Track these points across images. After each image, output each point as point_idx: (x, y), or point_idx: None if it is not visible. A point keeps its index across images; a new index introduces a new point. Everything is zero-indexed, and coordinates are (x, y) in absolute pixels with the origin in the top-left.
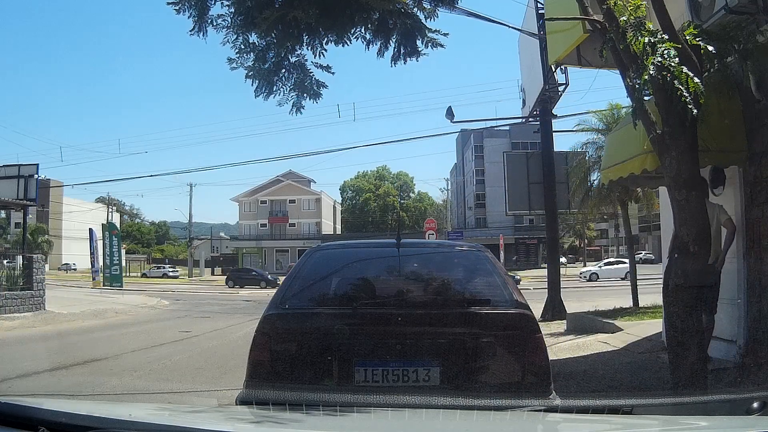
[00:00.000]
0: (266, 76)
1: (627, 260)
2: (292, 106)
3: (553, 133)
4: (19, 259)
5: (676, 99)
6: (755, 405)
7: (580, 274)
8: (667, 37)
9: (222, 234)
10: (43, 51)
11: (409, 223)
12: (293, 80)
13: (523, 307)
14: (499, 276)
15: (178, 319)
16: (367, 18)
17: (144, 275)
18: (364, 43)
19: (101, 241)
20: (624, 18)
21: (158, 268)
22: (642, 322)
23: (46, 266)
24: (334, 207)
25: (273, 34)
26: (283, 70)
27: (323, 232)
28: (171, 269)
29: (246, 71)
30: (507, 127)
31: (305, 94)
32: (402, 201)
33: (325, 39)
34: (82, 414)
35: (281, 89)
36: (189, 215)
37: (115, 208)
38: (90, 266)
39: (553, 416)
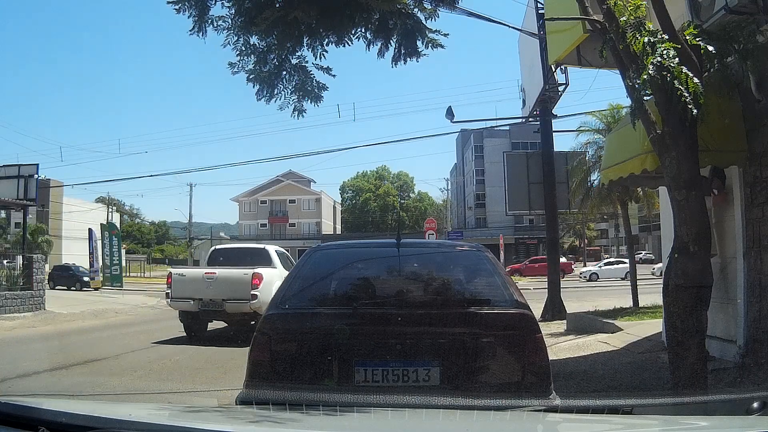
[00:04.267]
0: (267, 80)
1: (627, 260)
2: (294, 110)
3: (553, 133)
4: (19, 259)
5: (676, 99)
6: (755, 405)
7: (580, 274)
8: (667, 37)
9: (222, 234)
10: (43, 51)
11: (409, 223)
12: (294, 83)
13: (523, 307)
14: (499, 276)
15: (179, 319)
16: (367, 18)
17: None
18: (365, 43)
19: (101, 241)
20: (624, 18)
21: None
22: (642, 322)
23: (46, 266)
24: (334, 207)
25: (273, 35)
26: (284, 73)
27: (323, 232)
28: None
29: (247, 75)
30: (507, 127)
31: (306, 98)
32: (402, 201)
33: (326, 40)
34: (82, 414)
35: (282, 92)
36: (189, 215)
37: (115, 208)
38: (89, 266)
39: (553, 416)
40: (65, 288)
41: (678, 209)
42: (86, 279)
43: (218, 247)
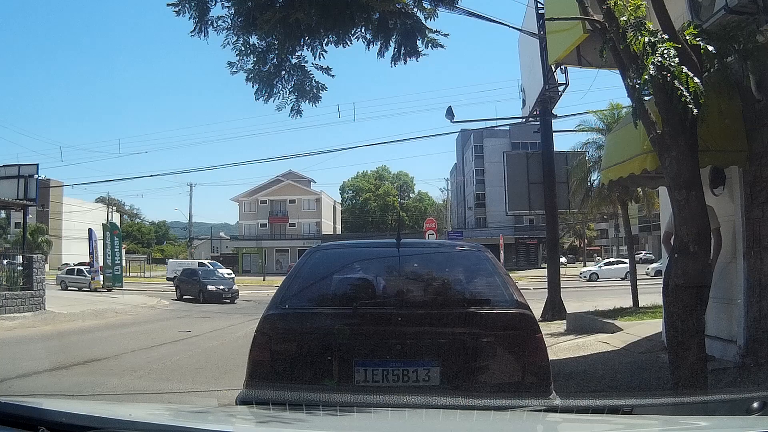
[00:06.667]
0: (266, 79)
1: (627, 260)
2: (291, 110)
3: (553, 133)
4: (19, 259)
5: (676, 99)
6: (755, 405)
7: (580, 274)
8: (667, 37)
9: (222, 234)
10: (42, 51)
11: (409, 223)
12: (293, 82)
13: (524, 307)
14: (499, 276)
15: (178, 319)
16: (367, 18)
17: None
18: (365, 43)
19: (101, 241)
20: (624, 18)
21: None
22: (642, 322)
23: (46, 266)
24: (334, 207)
25: (274, 35)
26: (284, 72)
27: (323, 232)
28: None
29: (246, 74)
30: (507, 127)
31: (305, 98)
32: (402, 201)
33: (326, 40)
34: (82, 414)
35: (281, 92)
36: (189, 215)
37: (115, 208)
38: (89, 266)
39: (553, 416)
40: (192, 298)
41: (678, 209)
42: (221, 288)
43: None
